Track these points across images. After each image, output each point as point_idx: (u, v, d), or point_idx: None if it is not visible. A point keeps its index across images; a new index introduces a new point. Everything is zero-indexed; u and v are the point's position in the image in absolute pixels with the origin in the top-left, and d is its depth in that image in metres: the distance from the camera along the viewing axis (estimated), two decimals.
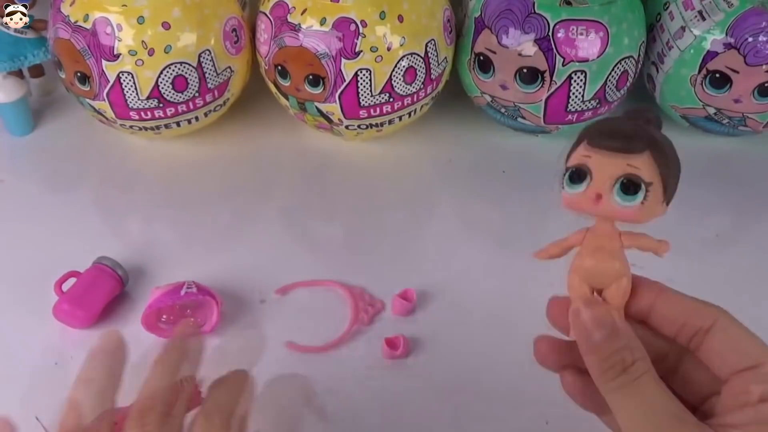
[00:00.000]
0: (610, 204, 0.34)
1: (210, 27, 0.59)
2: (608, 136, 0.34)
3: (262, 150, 0.68)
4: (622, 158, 0.33)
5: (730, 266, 0.59)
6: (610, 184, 0.34)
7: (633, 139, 0.33)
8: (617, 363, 0.33)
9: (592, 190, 0.34)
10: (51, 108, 0.71)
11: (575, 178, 0.35)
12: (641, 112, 0.35)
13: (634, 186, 0.33)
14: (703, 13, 0.60)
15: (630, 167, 0.33)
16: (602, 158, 0.34)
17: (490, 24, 0.60)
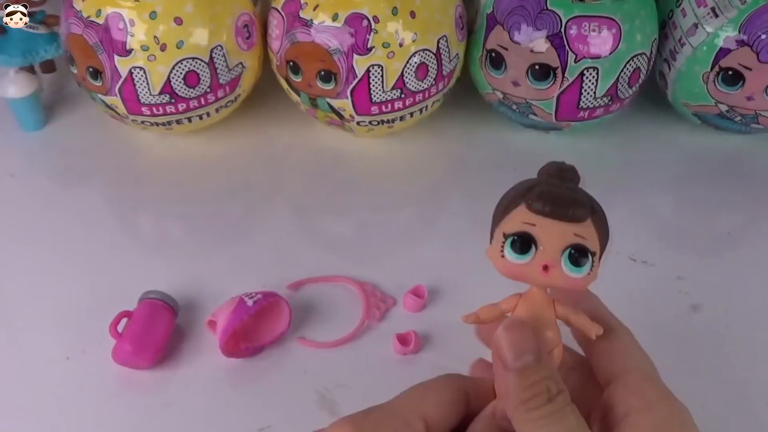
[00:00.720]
0: (558, 275, 0.33)
1: (222, 23, 0.59)
2: (554, 203, 0.32)
3: (274, 146, 0.68)
4: (569, 227, 0.32)
5: (742, 264, 0.58)
6: (558, 254, 0.32)
7: (577, 206, 0.32)
8: (542, 392, 0.31)
9: (540, 261, 0.33)
10: (63, 103, 0.71)
11: (519, 248, 0.33)
12: (566, 171, 0.34)
13: (582, 255, 0.32)
14: (715, 10, 0.60)
15: (577, 237, 0.32)
16: (549, 227, 0.32)
17: (502, 20, 0.60)
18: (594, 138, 0.68)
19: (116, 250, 0.58)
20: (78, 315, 0.52)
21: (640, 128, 0.70)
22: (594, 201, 0.34)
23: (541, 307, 0.34)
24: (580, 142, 0.68)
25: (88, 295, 0.54)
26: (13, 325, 0.52)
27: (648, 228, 0.62)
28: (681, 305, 0.54)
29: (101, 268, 0.56)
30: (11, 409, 0.47)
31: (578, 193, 0.33)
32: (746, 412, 0.48)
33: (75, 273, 0.56)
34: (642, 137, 0.69)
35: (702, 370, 0.50)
